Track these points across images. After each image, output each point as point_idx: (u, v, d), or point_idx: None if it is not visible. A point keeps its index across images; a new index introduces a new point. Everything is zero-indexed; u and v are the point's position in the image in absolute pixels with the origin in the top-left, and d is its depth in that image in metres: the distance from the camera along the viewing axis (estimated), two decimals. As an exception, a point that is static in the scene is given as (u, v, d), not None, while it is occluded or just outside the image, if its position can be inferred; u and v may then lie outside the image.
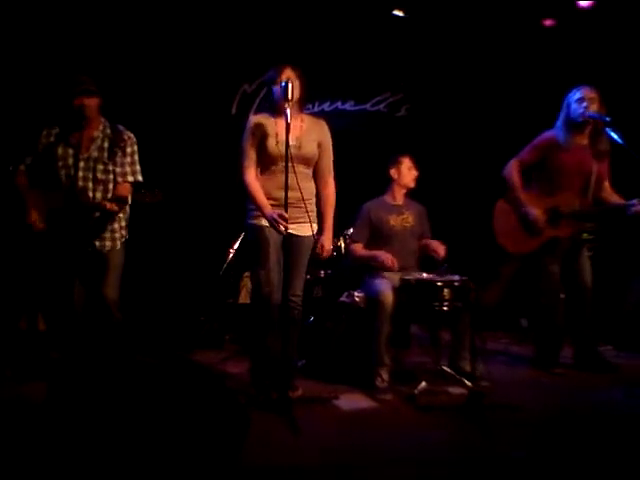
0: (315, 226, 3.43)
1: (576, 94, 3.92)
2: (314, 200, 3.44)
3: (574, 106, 3.91)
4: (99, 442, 2.16)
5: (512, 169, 4.06)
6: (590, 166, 3.95)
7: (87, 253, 3.44)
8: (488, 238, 4.26)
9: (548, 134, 4.04)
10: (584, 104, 3.86)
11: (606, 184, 4.06)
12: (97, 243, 3.47)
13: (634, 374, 3.92)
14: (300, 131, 3.34)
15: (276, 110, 3.30)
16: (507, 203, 4.11)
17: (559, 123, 4.01)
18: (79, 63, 4.63)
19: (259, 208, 3.27)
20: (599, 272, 4.10)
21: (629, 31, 5.24)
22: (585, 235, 4.17)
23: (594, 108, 3.85)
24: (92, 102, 3.42)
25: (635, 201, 3.79)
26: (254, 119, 3.35)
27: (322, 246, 3.42)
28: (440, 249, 3.89)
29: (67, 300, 3.45)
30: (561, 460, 2.59)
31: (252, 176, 3.32)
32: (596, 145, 3.95)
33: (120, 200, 3.39)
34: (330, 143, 3.47)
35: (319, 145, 3.40)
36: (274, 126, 3.31)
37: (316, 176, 3.46)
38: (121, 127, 3.56)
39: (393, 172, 4.01)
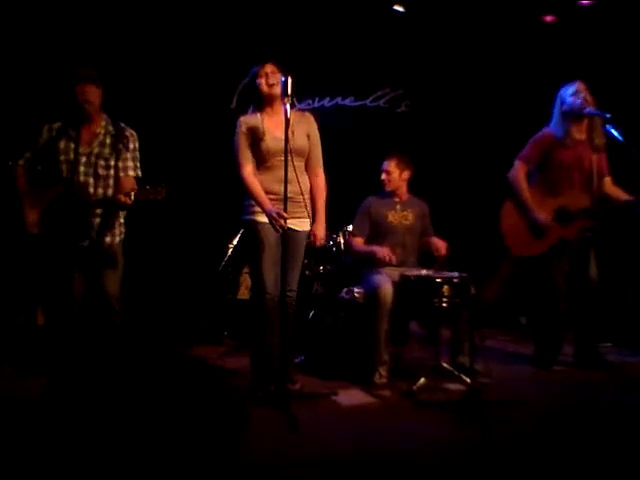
0: (310, 221, 3.45)
1: (569, 88, 3.93)
2: (309, 195, 3.46)
3: (570, 99, 3.90)
4: (97, 437, 2.16)
5: (518, 172, 3.99)
6: (590, 161, 3.94)
7: (86, 247, 3.43)
8: (488, 235, 4.25)
9: (546, 131, 4.02)
10: (581, 95, 3.87)
11: (607, 179, 4.03)
12: (95, 237, 3.46)
13: (633, 371, 3.93)
14: (290, 124, 3.28)
15: (262, 106, 3.39)
16: (515, 205, 4.02)
17: (555, 119, 3.99)
18: (79, 58, 4.61)
19: (259, 204, 3.28)
20: (599, 269, 4.09)
21: (630, 28, 5.23)
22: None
23: (589, 100, 3.87)
24: (93, 89, 3.40)
25: None
26: (244, 121, 3.38)
27: (315, 235, 3.44)
28: (441, 247, 3.89)
29: (66, 294, 3.44)
30: (559, 457, 2.60)
31: (249, 171, 3.33)
32: (593, 140, 3.94)
33: (130, 194, 3.35)
34: (318, 135, 3.51)
35: (308, 137, 3.45)
36: (262, 123, 3.35)
37: (307, 168, 3.48)
38: (122, 124, 3.55)
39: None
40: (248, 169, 3.34)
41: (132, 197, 3.30)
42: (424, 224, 4.09)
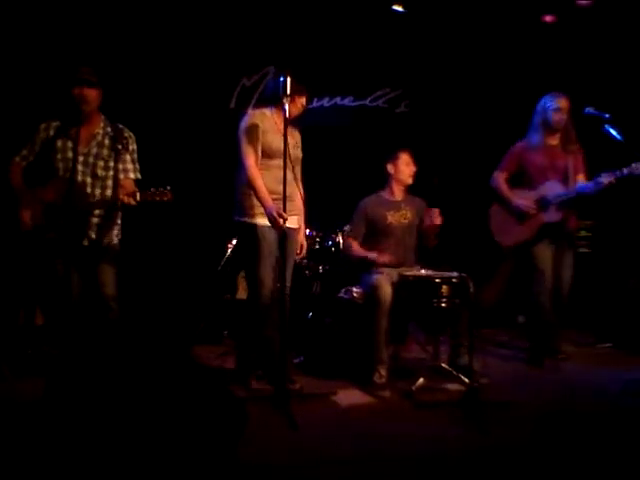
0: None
1: (552, 103, 4.08)
2: None
3: (551, 115, 4.08)
4: (96, 438, 2.16)
5: (498, 178, 4.27)
6: (563, 161, 4.12)
7: (85, 246, 3.42)
8: (486, 236, 4.26)
9: (519, 144, 4.26)
10: (564, 114, 4.06)
11: (581, 176, 4.14)
12: (93, 236, 3.45)
13: (631, 371, 3.93)
14: (294, 135, 3.51)
15: (276, 106, 3.42)
16: (500, 205, 4.27)
17: (534, 127, 4.18)
18: (77, 57, 4.60)
19: (260, 198, 3.32)
20: (597, 269, 4.10)
21: (629, 28, 5.23)
22: (583, 232, 4.17)
23: (565, 117, 4.06)
24: (91, 93, 3.39)
25: (601, 176, 3.86)
26: (256, 115, 3.46)
27: (302, 246, 3.60)
28: (436, 215, 3.82)
29: (66, 295, 3.44)
30: (557, 457, 2.60)
31: (254, 161, 3.37)
32: (566, 146, 4.13)
33: (136, 195, 3.35)
34: None
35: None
36: (275, 124, 3.43)
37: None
38: (120, 125, 3.54)
39: (390, 167, 3.99)
40: (253, 160, 3.38)
41: (137, 197, 3.29)
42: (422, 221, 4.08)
